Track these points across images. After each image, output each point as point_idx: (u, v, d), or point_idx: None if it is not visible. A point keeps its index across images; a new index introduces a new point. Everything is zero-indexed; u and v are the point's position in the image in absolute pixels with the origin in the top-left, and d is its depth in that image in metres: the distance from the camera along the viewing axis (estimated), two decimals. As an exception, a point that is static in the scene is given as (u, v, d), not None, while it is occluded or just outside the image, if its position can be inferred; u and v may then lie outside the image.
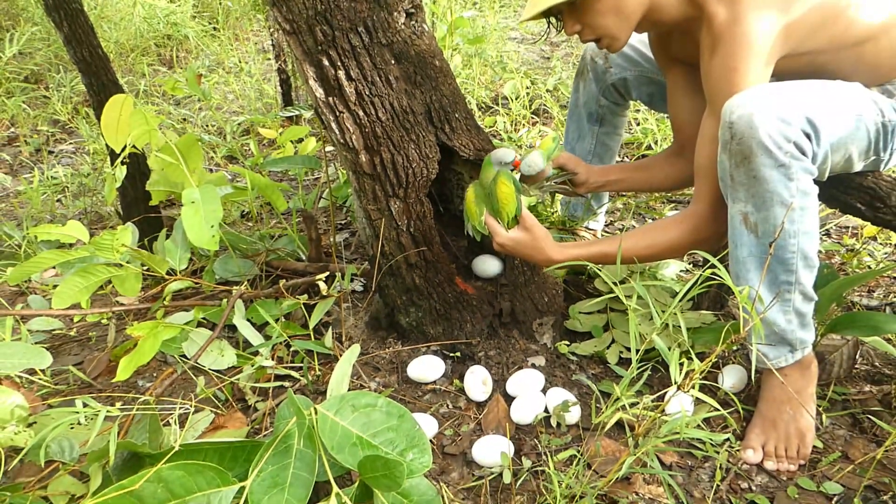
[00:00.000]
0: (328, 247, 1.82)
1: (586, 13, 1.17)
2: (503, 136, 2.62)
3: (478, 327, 1.39)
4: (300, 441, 0.86)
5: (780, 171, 1.02)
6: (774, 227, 1.06)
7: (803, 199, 1.05)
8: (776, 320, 1.12)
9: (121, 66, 3.80)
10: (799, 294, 1.11)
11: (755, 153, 1.02)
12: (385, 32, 1.20)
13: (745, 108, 1.03)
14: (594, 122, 1.71)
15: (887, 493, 1.07)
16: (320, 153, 2.42)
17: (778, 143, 1.01)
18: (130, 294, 1.35)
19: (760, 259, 1.09)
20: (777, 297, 1.10)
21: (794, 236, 1.07)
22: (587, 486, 1.01)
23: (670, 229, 1.22)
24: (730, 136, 1.05)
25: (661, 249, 1.22)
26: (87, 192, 2.49)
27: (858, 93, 1.14)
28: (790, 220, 1.05)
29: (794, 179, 1.03)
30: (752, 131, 1.01)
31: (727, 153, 1.06)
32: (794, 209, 1.05)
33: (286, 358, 1.42)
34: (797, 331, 1.13)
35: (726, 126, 1.05)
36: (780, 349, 1.15)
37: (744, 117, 1.02)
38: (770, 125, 1.01)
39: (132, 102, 1.38)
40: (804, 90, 1.08)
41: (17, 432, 0.88)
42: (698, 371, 0.81)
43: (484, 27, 3.53)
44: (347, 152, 1.26)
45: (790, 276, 1.09)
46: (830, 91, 1.11)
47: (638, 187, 1.58)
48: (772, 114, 1.01)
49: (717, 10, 1.11)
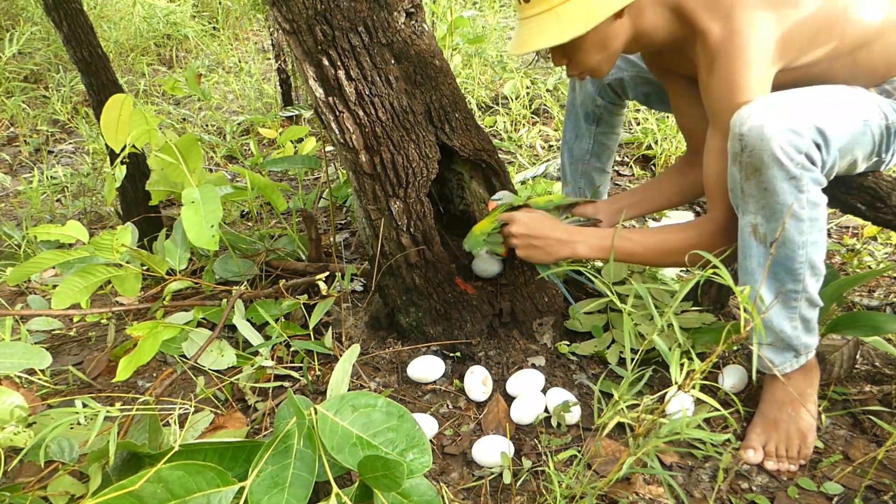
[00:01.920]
0: (328, 247, 1.82)
1: (573, 51, 1.19)
2: (503, 135, 2.62)
3: (478, 327, 1.39)
4: (300, 441, 0.86)
5: (791, 182, 1.01)
6: (784, 239, 1.05)
7: (813, 210, 1.04)
8: (782, 328, 1.12)
9: (120, 66, 3.80)
10: (805, 301, 1.11)
11: (767, 165, 1.01)
12: (385, 32, 1.20)
13: (755, 120, 1.01)
14: (591, 122, 1.71)
15: (888, 494, 1.07)
16: (320, 153, 2.42)
17: (790, 154, 1.00)
18: (130, 294, 1.35)
19: (771, 270, 1.09)
20: (778, 297, 1.10)
21: (803, 247, 1.06)
22: (587, 487, 1.01)
23: (684, 231, 1.21)
24: (740, 149, 1.03)
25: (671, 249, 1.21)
26: (87, 192, 2.49)
27: (863, 97, 1.13)
28: (799, 232, 1.05)
29: (804, 191, 1.02)
30: (764, 143, 1.00)
31: (737, 165, 1.05)
32: (803, 220, 1.04)
33: (286, 358, 1.42)
34: (802, 336, 1.14)
35: (736, 138, 1.04)
36: (786, 355, 1.15)
37: (754, 129, 1.01)
38: (781, 137, 1.00)
39: (132, 102, 1.38)
40: (812, 98, 1.07)
41: (17, 432, 0.88)
42: (699, 371, 0.81)
43: (484, 27, 3.53)
44: (347, 152, 1.26)
45: (797, 284, 1.09)
46: (837, 97, 1.10)
47: (655, 207, 1.51)
48: (783, 125, 1.00)
49: (710, 26, 1.10)
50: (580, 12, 1.11)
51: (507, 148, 2.51)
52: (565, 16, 1.11)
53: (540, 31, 1.13)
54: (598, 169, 1.77)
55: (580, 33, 1.11)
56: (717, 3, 1.10)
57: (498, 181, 1.42)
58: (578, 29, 1.11)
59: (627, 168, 2.37)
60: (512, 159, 2.46)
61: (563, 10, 1.12)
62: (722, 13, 1.09)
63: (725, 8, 1.09)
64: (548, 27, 1.12)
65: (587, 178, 1.80)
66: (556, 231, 1.25)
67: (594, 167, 1.77)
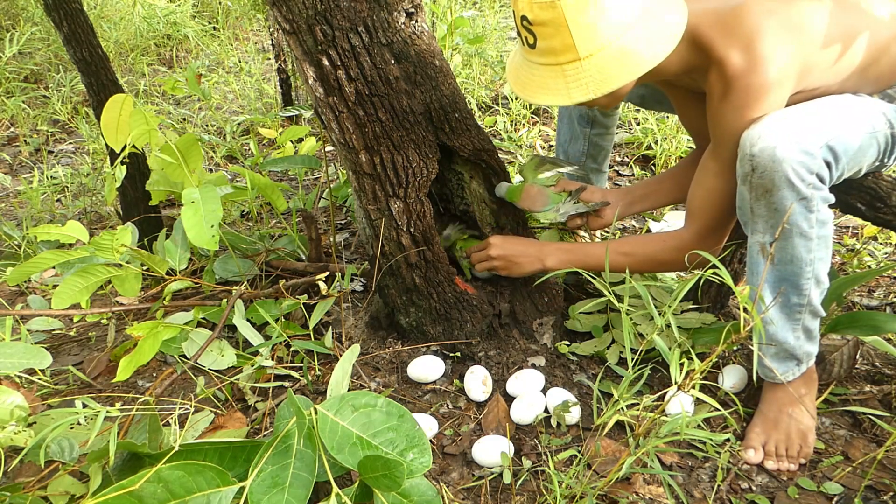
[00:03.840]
0: (328, 247, 1.82)
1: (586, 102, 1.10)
2: (503, 135, 2.62)
3: (478, 327, 1.39)
4: (300, 441, 0.86)
5: (802, 203, 1.00)
6: (791, 257, 1.05)
7: (821, 228, 1.04)
8: (786, 339, 1.13)
9: (120, 66, 3.80)
10: (809, 313, 1.11)
11: (778, 187, 0.99)
12: (385, 32, 1.20)
13: (766, 141, 0.99)
14: (585, 124, 1.70)
15: (887, 493, 1.07)
16: (320, 153, 2.42)
17: (801, 176, 0.99)
18: (130, 294, 1.35)
19: (775, 286, 1.09)
20: (774, 300, 1.10)
21: (811, 264, 1.06)
22: (587, 486, 1.01)
23: (653, 243, 1.25)
24: (750, 169, 1.01)
25: (640, 260, 1.25)
26: (87, 192, 2.49)
27: (869, 106, 1.12)
28: (808, 250, 1.04)
29: (814, 211, 1.02)
30: (776, 165, 0.98)
31: (747, 185, 1.03)
32: (812, 239, 1.03)
33: (286, 358, 1.42)
34: (805, 346, 1.14)
35: (746, 158, 1.02)
36: (788, 364, 1.16)
37: (766, 150, 0.99)
38: (794, 158, 0.98)
39: (132, 102, 1.38)
40: (821, 114, 1.05)
41: (17, 432, 0.88)
42: (698, 371, 0.81)
43: (484, 27, 3.53)
44: (347, 152, 1.26)
45: (802, 298, 1.09)
46: (846, 110, 1.09)
47: (669, 199, 1.47)
48: (795, 146, 0.98)
49: (729, 54, 1.04)
50: (591, 77, 1.00)
51: (507, 148, 2.51)
52: (573, 77, 1.01)
53: (543, 84, 1.04)
54: (594, 169, 1.78)
55: (588, 99, 1.01)
56: (736, 31, 1.05)
57: (498, 181, 1.42)
58: (587, 94, 1.01)
59: (627, 168, 2.37)
60: (512, 159, 2.46)
61: (570, 71, 1.00)
62: (742, 42, 1.04)
63: (745, 37, 1.04)
64: (552, 83, 1.03)
65: (584, 180, 1.80)
66: (529, 247, 1.33)
67: (590, 168, 1.77)
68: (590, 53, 0.99)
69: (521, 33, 1.03)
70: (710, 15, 1.07)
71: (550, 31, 0.98)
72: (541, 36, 0.99)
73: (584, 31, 0.97)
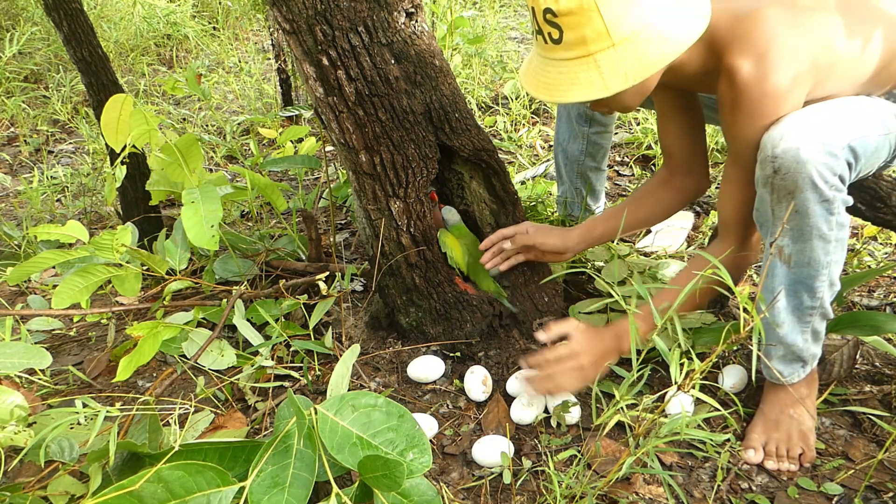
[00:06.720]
0: (328, 247, 1.82)
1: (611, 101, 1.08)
2: (503, 135, 2.62)
3: (478, 327, 1.39)
4: (300, 441, 0.86)
5: (824, 205, 0.99)
6: (809, 259, 1.04)
7: (840, 231, 1.02)
8: (795, 342, 1.12)
9: (120, 66, 3.80)
10: (819, 316, 1.11)
11: (801, 189, 0.97)
12: (385, 32, 1.20)
13: (789, 142, 0.97)
14: (583, 123, 1.70)
15: (888, 494, 1.07)
16: (320, 153, 2.42)
17: (825, 177, 0.97)
18: (130, 294, 1.35)
19: (790, 288, 1.08)
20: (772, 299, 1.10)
21: (827, 266, 1.05)
22: (587, 487, 1.01)
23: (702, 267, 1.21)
24: (772, 171, 0.99)
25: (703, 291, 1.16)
26: (87, 192, 2.49)
27: (882, 107, 1.12)
28: (825, 253, 1.03)
29: (835, 213, 1.00)
30: (800, 166, 0.96)
31: (769, 188, 1.01)
32: (830, 241, 1.02)
33: (286, 358, 1.42)
34: (811, 347, 1.14)
35: (768, 160, 0.99)
36: (794, 366, 1.15)
37: (789, 151, 0.97)
38: (818, 160, 0.96)
39: (132, 102, 1.38)
40: (841, 114, 1.04)
41: (17, 432, 0.88)
42: (698, 371, 0.81)
43: (484, 27, 3.53)
44: (347, 152, 1.26)
45: (815, 301, 1.08)
46: (862, 110, 1.08)
47: (634, 228, 1.44)
48: (819, 148, 0.96)
49: (740, 63, 1.02)
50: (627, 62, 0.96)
51: (507, 148, 2.51)
52: (607, 65, 0.97)
53: (573, 79, 0.99)
54: (593, 168, 1.78)
55: (627, 87, 0.97)
56: (752, 39, 1.03)
57: (498, 181, 1.42)
58: (625, 81, 0.96)
59: (627, 168, 2.37)
60: (512, 159, 2.46)
61: (604, 59, 0.97)
62: (756, 51, 1.02)
63: (760, 46, 1.02)
64: (585, 77, 0.98)
65: (583, 178, 1.80)
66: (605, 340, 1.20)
67: (589, 167, 1.77)
68: (624, 38, 0.96)
69: (544, 29, 0.99)
70: (728, 15, 1.05)
71: (579, 19, 0.94)
72: (567, 27, 0.96)
73: (616, 13, 0.94)
